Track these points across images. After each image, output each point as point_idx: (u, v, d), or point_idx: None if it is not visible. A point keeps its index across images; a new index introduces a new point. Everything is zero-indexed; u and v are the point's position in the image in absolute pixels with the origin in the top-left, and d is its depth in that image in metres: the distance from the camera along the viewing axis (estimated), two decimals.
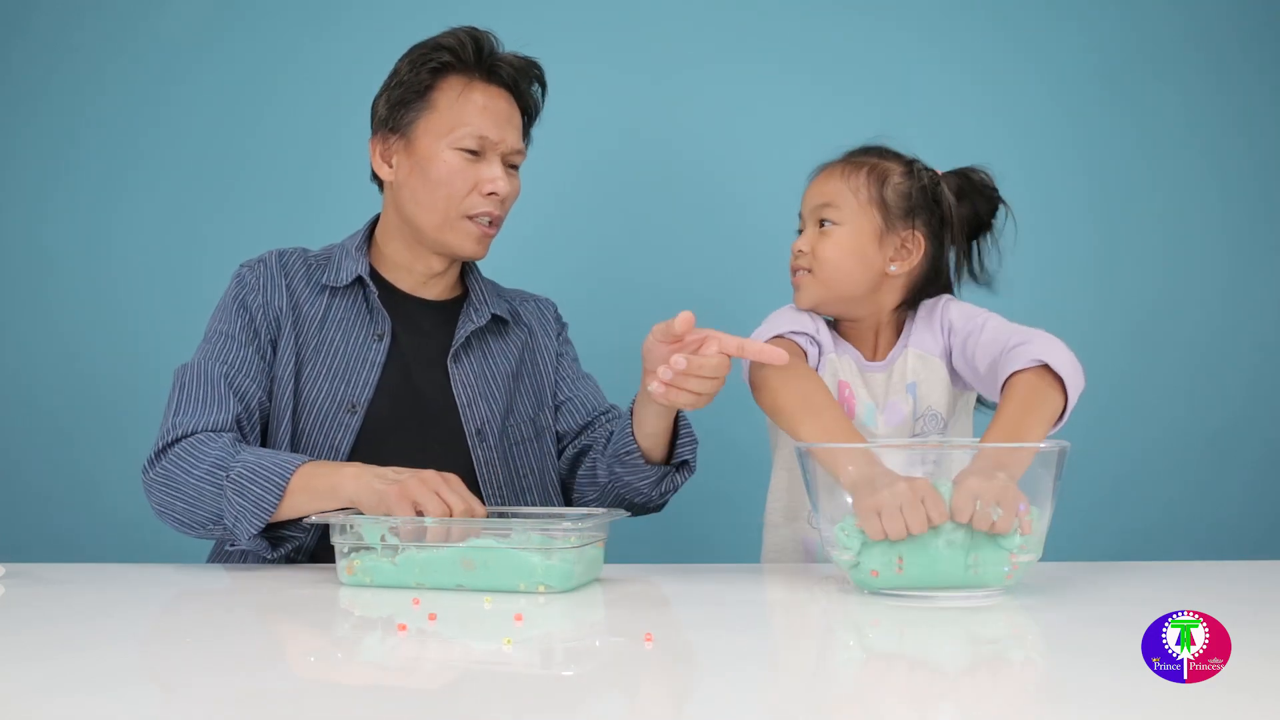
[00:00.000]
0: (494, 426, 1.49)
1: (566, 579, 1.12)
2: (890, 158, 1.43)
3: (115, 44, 2.09)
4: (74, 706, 0.70)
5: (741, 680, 0.81)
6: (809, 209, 1.43)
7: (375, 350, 1.47)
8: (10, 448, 2.06)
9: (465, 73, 1.46)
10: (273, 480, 1.26)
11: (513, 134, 1.48)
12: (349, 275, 1.49)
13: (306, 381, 1.44)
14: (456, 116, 1.44)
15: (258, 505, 1.26)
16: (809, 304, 1.43)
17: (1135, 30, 2.08)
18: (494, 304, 1.56)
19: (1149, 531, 2.02)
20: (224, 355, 1.41)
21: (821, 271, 1.41)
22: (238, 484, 1.27)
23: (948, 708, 0.74)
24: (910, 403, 1.40)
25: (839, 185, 1.42)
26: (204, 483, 1.29)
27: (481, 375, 1.51)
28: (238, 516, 1.27)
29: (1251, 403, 2.05)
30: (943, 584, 1.06)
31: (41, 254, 2.07)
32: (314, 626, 1.03)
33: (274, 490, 1.25)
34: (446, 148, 1.44)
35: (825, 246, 1.41)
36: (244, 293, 1.46)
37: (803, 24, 2.08)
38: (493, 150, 1.46)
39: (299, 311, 1.47)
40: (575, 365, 1.64)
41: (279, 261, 1.50)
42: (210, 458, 1.30)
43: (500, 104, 1.47)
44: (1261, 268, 2.07)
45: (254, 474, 1.27)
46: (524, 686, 0.79)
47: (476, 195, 1.45)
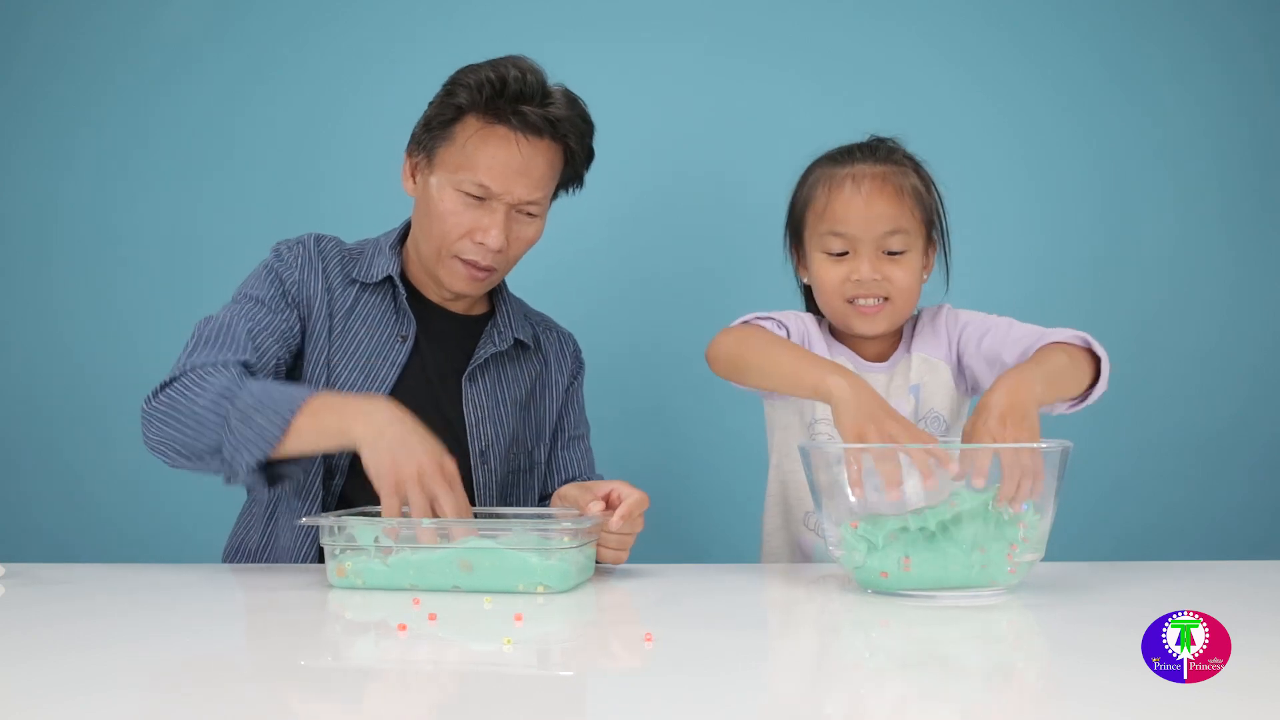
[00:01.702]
0: (498, 450, 1.48)
1: (565, 579, 1.12)
2: (907, 162, 1.41)
3: (116, 45, 2.09)
4: (74, 706, 0.70)
5: (741, 680, 0.81)
6: (867, 232, 1.35)
7: (398, 351, 1.45)
8: (9, 449, 2.05)
9: (481, 115, 1.40)
10: (279, 411, 1.20)
11: (525, 185, 1.40)
12: (380, 273, 1.46)
13: (336, 368, 1.43)
14: (466, 158, 1.39)
15: (260, 436, 1.20)
16: (881, 330, 1.39)
17: (1141, 28, 2.08)
18: (518, 327, 1.53)
19: (1149, 531, 2.02)
20: (250, 313, 1.38)
21: (901, 300, 1.37)
22: (243, 413, 1.21)
23: (948, 707, 0.74)
24: (912, 403, 1.40)
25: (898, 209, 1.35)
26: (208, 410, 1.23)
27: (493, 397, 1.50)
28: (237, 446, 1.21)
29: (1252, 403, 2.05)
30: (951, 583, 1.07)
31: (41, 255, 2.07)
32: (314, 626, 1.03)
33: (279, 422, 1.20)
34: (450, 186, 1.40)
35: (901, 275, 1.36)
36: (280, 266, 1.44)
37: (809, 27, 2.08)
38: (497, 200, 1.40)
39: (332, 295, 1.45)
40: (578, 417, 1.61)
41: (316, 245, 1.47)
42: (217, 386, 1.25)
43: (516, 152, 1.39)
44: (1264, 269, 2.06)
45: (260, 403, 1.21)
46: (524, 686, 0.79)
47: (468, 241, 1.41)
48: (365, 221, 1.63)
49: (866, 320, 1.38)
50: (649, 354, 2.05)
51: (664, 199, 2.08)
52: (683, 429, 2.05)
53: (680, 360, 1.93)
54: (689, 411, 2.04)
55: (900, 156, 1.41)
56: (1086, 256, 2.06)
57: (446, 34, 2.04)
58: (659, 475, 1.93)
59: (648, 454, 2.01)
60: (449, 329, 1.51)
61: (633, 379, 2.03)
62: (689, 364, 2.05)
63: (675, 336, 2.02)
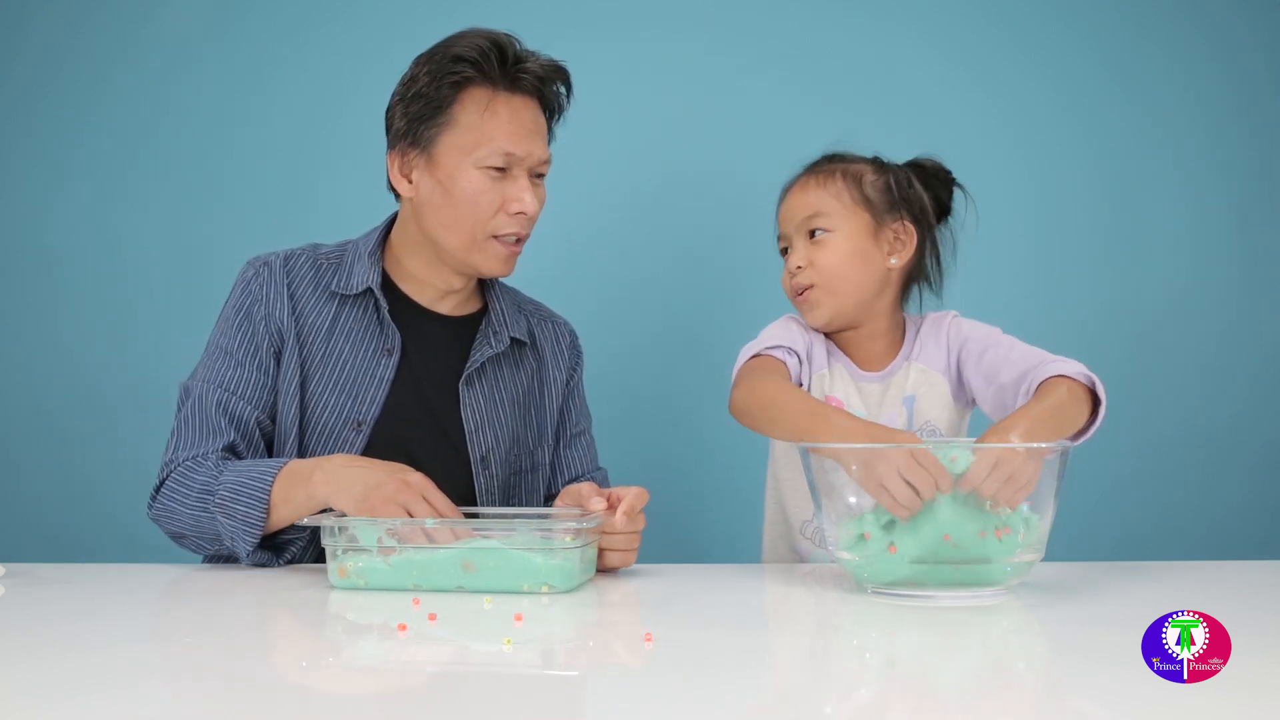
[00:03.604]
0: (498, 455, 1.46)
1: (569, 578, 1.12)
2: (853, 160, 1.42)
3: (116, 45, 2.09)
4: (73, 706, 0.70)
5: (741, 680, 0.81)
6: (794, 225, 1.40)
7: (384, 366, 1.42)
8: (10, 448, 2.05)
9: (488, 85, 1.38)
10: (255, 497, 1.26)
11: (539, 144, 1.41)
12: (360, 284, 1.43)
13: (312, 396, 1.41)
14: (481, 133, 1.37)
15: (245, 523, 1.26)
16: (823, 321, 1.40)
17: (1141, 28, 2.08)
18: (513, 324, 1.51)
19: (1149, 531, 2.02)
20: (221, 378, 1.38)
21: (827, 282, 1.38)
22: (224, 506, 1.27)
23: (948, 707, 0.74)
24: (904, 415, 1.39)
25: (819, 194, 1.40)
26: (196, 510, 1.29)
27: (492, 400, 1.47)
28: (233, 537, 1.27)
29: (1252, 403, 2.05)
30: (956, 552, 1.05)
31: (43, 255, 2.07)
32: (313, 627, 1.03)
33: (258, 506, 1.25)
34: (472, 166, 1.37)
35: (824, 255, 1.38)
36: (247, 303, 1.42)
37: (810, 26, 2.08)
38: (519, 166, 1.39)
39: (302, 322, 1.42)
40: (579, 412, 1.59)
41: (284, 267, 1.44)
42: (198, 484, 1.30)
43: (525, 114, 1.40)
44: (1264, 269, 2.06)
45: (236, 493, 1.27)
46: (523, 686, 0.79)
47: (504, 215, 1.39)
48: (365, 221, 1.62)
49: (806, 309, 1.41)
50: (649, 351, 2.05)
51: (664, 195, 2.07)
52: (684, 428, 2.05)
53: (681, 358, 1.93)
54: (690, 411, 2.03)
55: (842, 157, 1.43)
56: (1086, 257, 2.06)
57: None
58: (660, 474, 1.93)
59: (649, 453, 2.01)
60: (439, 334, 1.47)
61: (633, 376, 2.03)
62: (689, 361, 2.06)
63: (676, 333, 2.02)
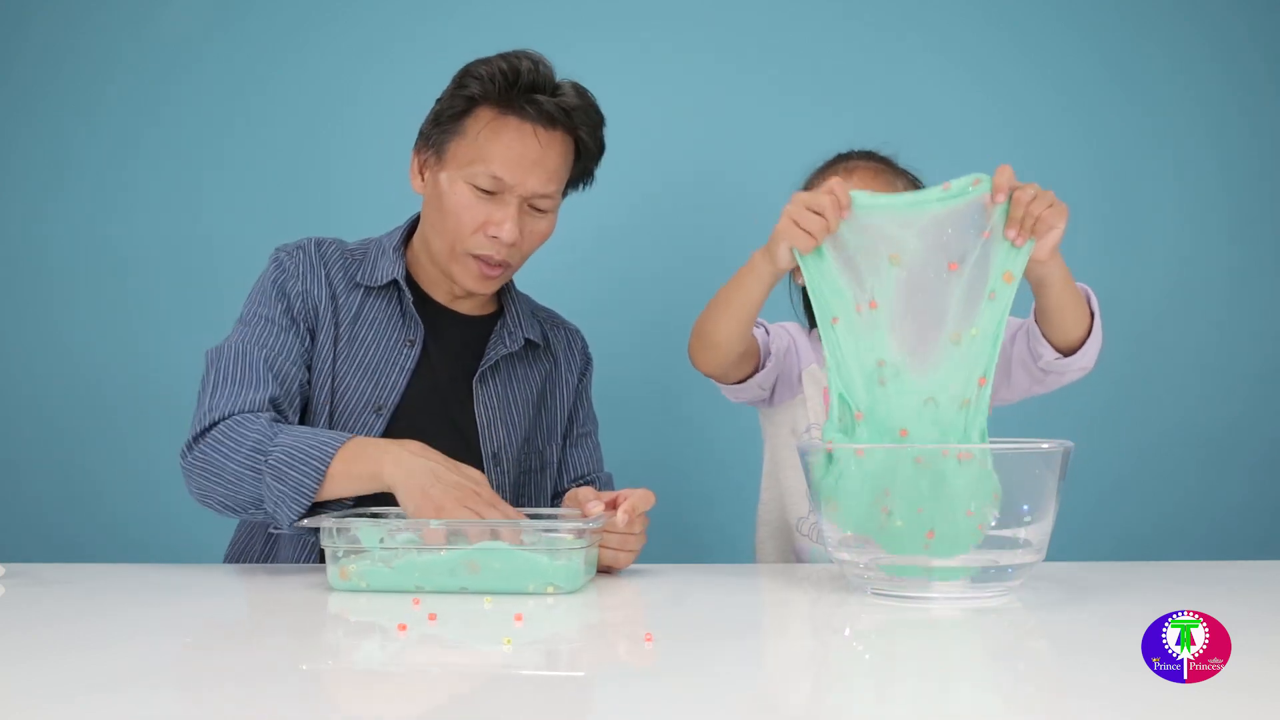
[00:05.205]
0: (510, 453, 1.47)
1: (574, 579, 1.12)
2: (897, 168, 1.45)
3: (116, 45, 2.09)
4: (73, 706, 0.70)
5: (741, 680, 0.81)
6: None
7: (406, 355, 1.43)
8: (10, 448, 2.05)
9: (499, 106, 1.37)
10: (312, 464, 1.21)
11: (538, 177, 1.38)
12: (384, 276, 1.44)
13: (339, 376, 1.41)
14: (478, 150, 1.37)
15: (297, 490, 1.21)
16: None
17: (1141, 28, 2.08)
18: (528, 326, 1.52)
19: (1149, 531, 2.02)
20: (263, 339, 1.37)
21: None
22: (276, 469, 1.22)
23: (948, 707, 0.74)
24: None
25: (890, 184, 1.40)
26: (243, 467, 1.24)
27: (505, 399, 1.48)
28: (278, 502, 1.22)
29: (1252, 403, 2.05)
30: (918, 468, 1.07)
31: (42, 254, 2.07)
32: (313, 627, 1.03)
33: (314, 475, 1.21)
34: (462, 180, 1.38)
35: None
36: (283, 278, 1.42)
37: (810, 26, 2.08)
38: (510, 193, 1.38)
39: (337, 303, 1.43)
40: (587, 414, 1.60)
41: (317, 250, 1.45)
42: (249, 441, 1.25)
43: (530, 143, 1.37)
44: (1265, 269, 2.06)
45: (292, 458, 1.22)
46: (523, 686, 0.79)
47: (482, 235, 1.39)
48: (367, 221, 1.63)
49: None
50: (653, 353, 2.05)
51: (669, 198, 2.08)
52: (684, 429, 2.05)
53: (684, 360, 1.92)
54: (690, 411, 2.04)
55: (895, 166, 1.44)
56: (1086, 256, 2.05)
57: (447, 34, 2.04)
58: (660, 474, 1.92)
59: (649, 453, 2.01)
60: (457, 331, 1.49)
61: (636, 378, 2.03)
62: (690, 362, 2.06)
63: (677, 334, 2.02)
